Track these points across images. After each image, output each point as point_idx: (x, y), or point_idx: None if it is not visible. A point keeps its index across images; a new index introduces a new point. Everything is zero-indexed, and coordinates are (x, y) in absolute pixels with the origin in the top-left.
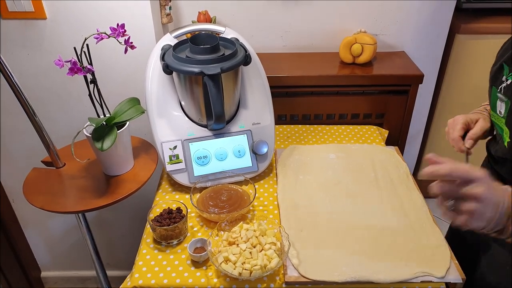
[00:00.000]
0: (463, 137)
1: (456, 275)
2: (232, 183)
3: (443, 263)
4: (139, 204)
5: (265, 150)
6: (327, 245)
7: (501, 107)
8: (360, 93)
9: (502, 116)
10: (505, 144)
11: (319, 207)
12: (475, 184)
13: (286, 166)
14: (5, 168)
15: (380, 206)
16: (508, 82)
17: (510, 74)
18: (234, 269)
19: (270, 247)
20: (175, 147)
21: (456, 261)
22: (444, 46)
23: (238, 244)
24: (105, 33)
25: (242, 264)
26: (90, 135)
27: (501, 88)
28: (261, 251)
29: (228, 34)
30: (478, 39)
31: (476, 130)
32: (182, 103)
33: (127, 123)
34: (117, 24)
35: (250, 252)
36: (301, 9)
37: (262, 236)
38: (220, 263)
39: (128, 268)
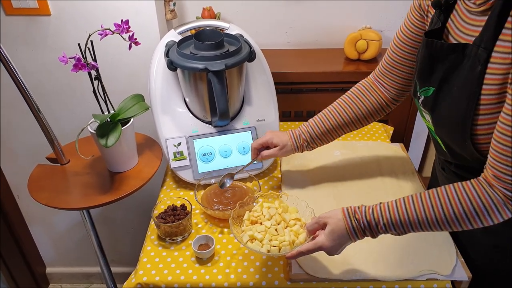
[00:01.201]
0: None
1: (462, 273)
2: (236, 180)
3: (449, 261)
4: (143, 201)
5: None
6: None
7: (428, 118)
8: None
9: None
10: (444, 149)
11: (323, 204)
12: (320, 246)
13: (290, 163)
14: (10, 165)
15: None
16: (422, 98)
17: (422, 90)
18: (262, 246)
19: (295, 223)
20: (179, 144)
21: (462, 259)
22: None
23: (261, 222)
24: (109, 29)
25: (269, 241)
26: (94, 132)
27: (420, 102)
28: (286, 227)
29: (233, 30)
30: None
31: (266, 153)
32: (187, 99)
33: (131, 119)
34: (121, 20)
35: (276, 229)
36: (306, 5)
37: (285, 213)
38: (246, 242)
39: (132, 264)
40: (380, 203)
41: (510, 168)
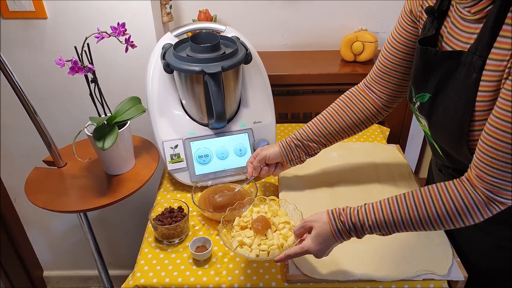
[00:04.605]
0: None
1: (458, 273)
2: (233, 182)
3: (445, 261)
4: (140, 203)
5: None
6: None
7: (424, 123)
8: None
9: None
10: (441, 154)
11: (320, 206)
12: (306, 250)
13: None
14: (6, 168)
15: None
16: (418, 104)
17: (417, 96)
18: (251, 251)
19: (284, 226)
20: (176, 146)
21: (458, 259)
22: None
23: (250, 228)
24: (105, 32)
25: (258, 245)
26: (91, 135)
27: (416, 108)
28: (275, 231)
29: (229, 32)
30: None
31: (267, 172)
32: (183, 102)
33: (128, 122)
34: (118, 23)
35: (265, 234)
36: (302, 7)
37: (274, 216)
38: (235, 248)
39: (130, 267)
40: (365, 204)
41: (493, 169)
